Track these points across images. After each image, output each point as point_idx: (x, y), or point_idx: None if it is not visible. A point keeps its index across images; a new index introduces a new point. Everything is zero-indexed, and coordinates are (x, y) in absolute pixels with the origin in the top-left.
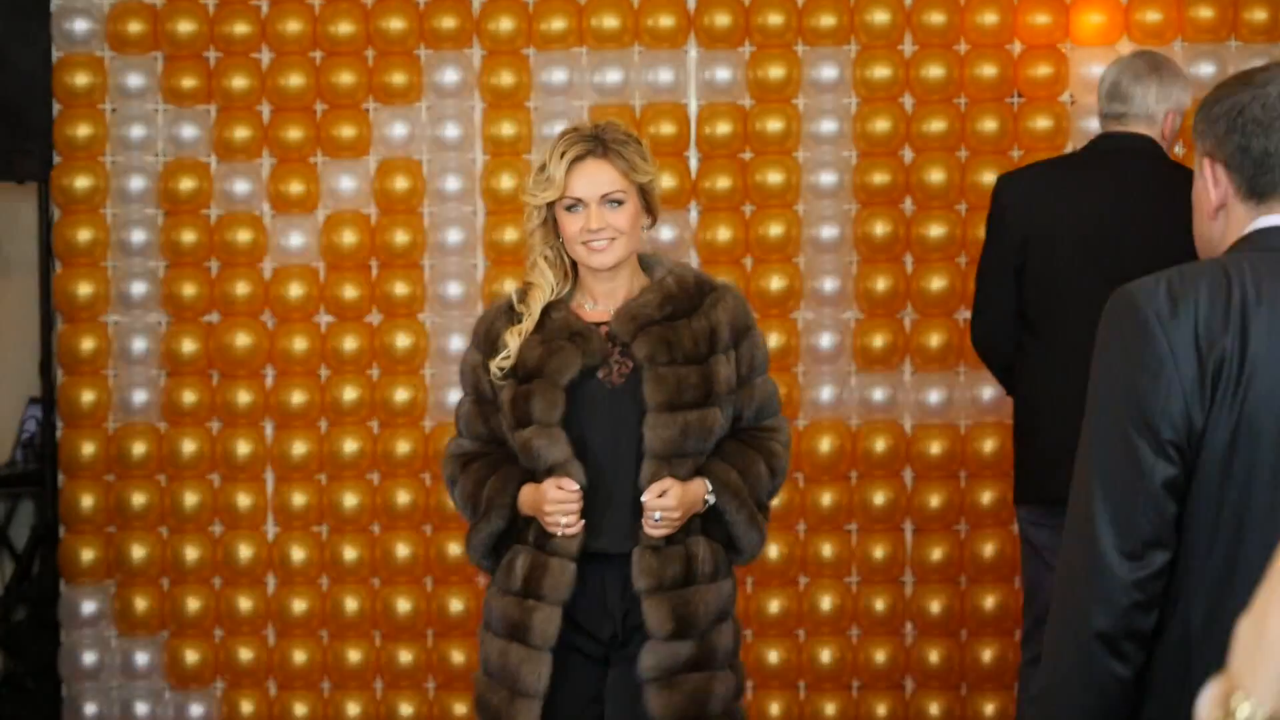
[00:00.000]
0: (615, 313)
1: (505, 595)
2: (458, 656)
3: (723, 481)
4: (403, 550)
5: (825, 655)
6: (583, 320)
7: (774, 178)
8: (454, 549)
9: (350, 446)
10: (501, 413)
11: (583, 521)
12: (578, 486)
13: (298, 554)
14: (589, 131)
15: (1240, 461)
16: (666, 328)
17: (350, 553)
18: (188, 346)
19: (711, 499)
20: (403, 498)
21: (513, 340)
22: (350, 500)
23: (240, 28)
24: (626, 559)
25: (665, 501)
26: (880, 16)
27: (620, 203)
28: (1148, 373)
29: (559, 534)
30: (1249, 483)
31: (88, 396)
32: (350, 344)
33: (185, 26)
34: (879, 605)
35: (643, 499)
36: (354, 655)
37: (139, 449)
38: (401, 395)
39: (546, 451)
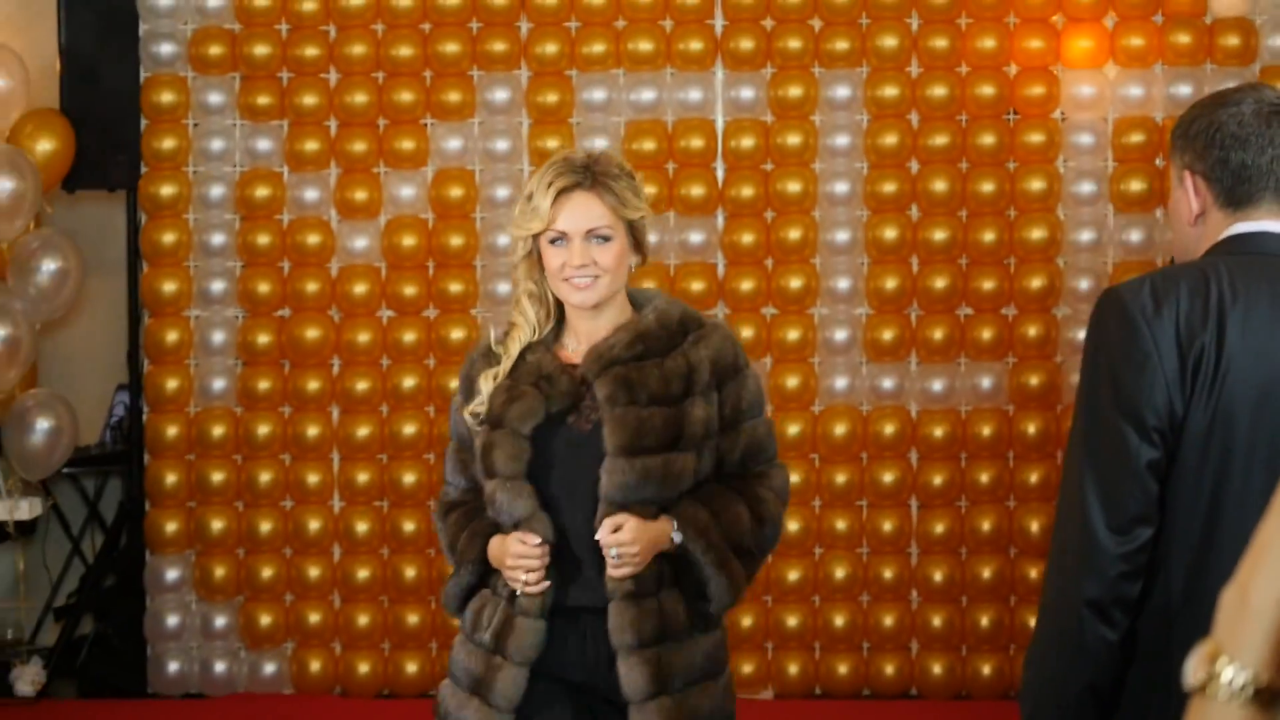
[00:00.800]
0: (585, 353)
1: (471, 645)
2: None
3: (689, 519)
4: None
5: (838, 619)
6: (558, 362)
7: (793, 187)
8: None
9: (409, 429)
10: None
11: (547, 583)
12: (540, 541)
13: (361, 526)
14: (579, 162)
15: (1217, 445)
16: (630, 368)
17: (408, 525)
18: (262, 338)
19: (678, 538)
20: None
21: (485, 385)
22: (409, 478)
23: (310, 50)
24: (602, 614)
25: (620, 536)
26: (889, 41)
27: (607, 239)
28: (1134, 365)
29: (518, 590)
30: (1225, 464)
31: (171, 384)
32: (409, 337)
33: (261, 49)
34: (887, 574)
35: (597, 536)
36: (412, 618)
37: (217, 431)
38: (455, 383)
39: (510, 506)
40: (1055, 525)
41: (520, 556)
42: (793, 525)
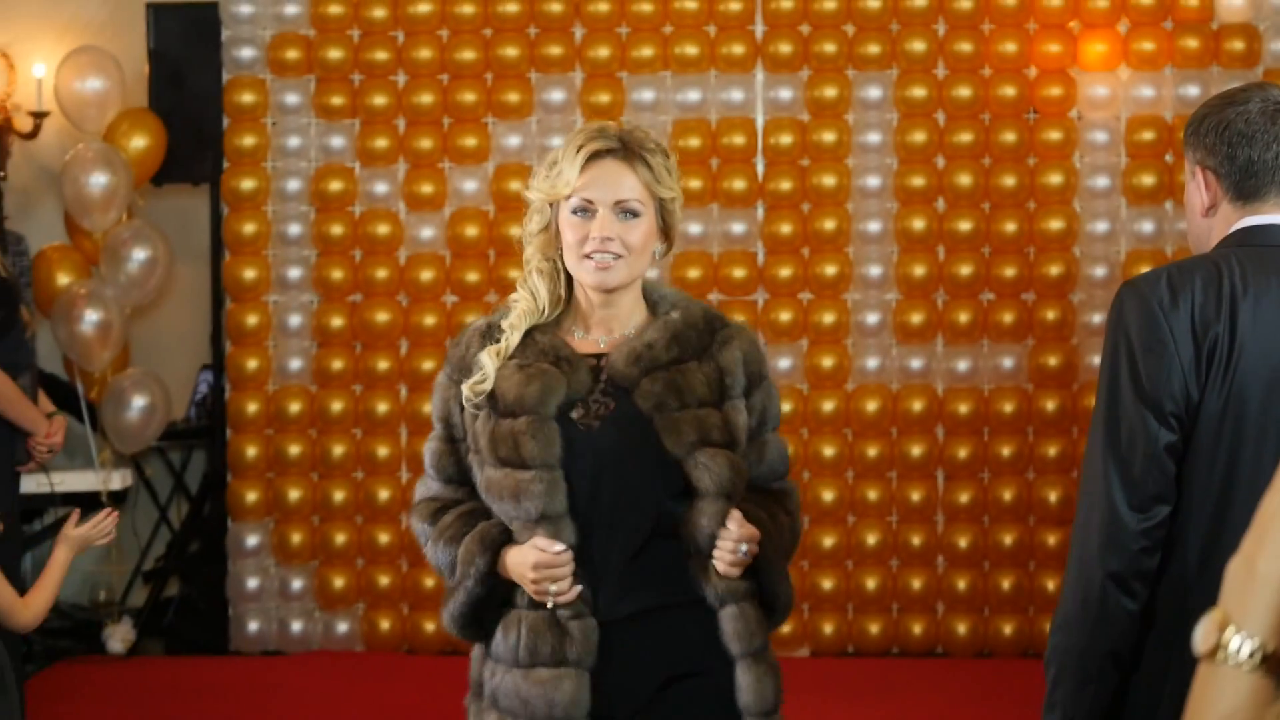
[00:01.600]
0: (615, 350)
1: (514, 669)
2: None
3: (758, 521)
4: None
5: (870, 583)
6: (570, 348)
7: (828, 181)
8: None
9: None
10: (477, 451)
11: (578, 587)
12: (562, 546)
13: None
14: (614, 130)
15: (1229, 428)
16: (673, 371)
17: None
18: (335, 322)
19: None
20: None
21: (489, 361)
22: None
23: (380, 54)
24: (615, 627)
25: (752, 530)
26: (918, 45)
27: (636, 215)
28: (1152, 354)
29: (549, 604)
30: (1237, 445)
31: (251, 363)
32: (472, 320)
33: (334, 53)
34: (915, 541)
35: (729, 526)
36: None
37: (294, 408)
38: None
39: (543, 500)
40: (1079, 503)
41: (545, 566)
42: (827, 495)
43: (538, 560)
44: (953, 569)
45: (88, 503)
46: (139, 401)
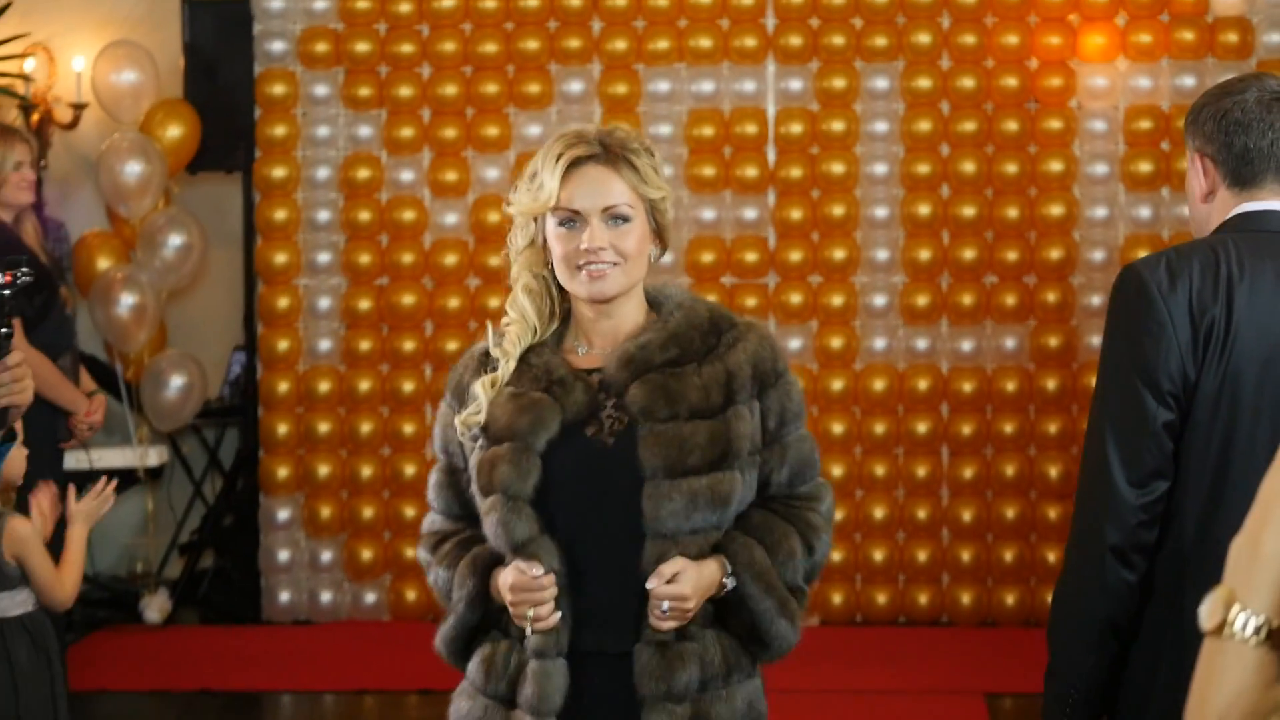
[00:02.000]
0: (608, 356)
1: (483, 699)
2: None
3: (745, 562)
4: None
5: (878, 555)
6: (568, 366)
7: (837, 168)
8: None
9: None
10: (475, 481)
11: (558, 614)
12: (542, 570)
13: None
14: (592, 134)
15: (1225, 407)
16: (667, 374)
17: None
18: (363, 304)
19: (730, 583)
20: None
21: (483, 392)
22: None
23: (406, 47)
24: (627, 659)
25: (676, 588)
26: (923, 38)
27: (626, 220)
28: (1151, 335)
29: (527, 629)
30: (1232, 424)
31: (282, 344)
32: (494, 302)
33: (362, 46)
34: (921, 514)
35: (648, 585)
36: None
37: (323, 387)
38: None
39: (507, 527)
40: (1080, 479)
41: (522, 589)
42: (836, 470)
43: (514, 582)
44: (957, 541)
45: (125, 479)
46: (176, 381)
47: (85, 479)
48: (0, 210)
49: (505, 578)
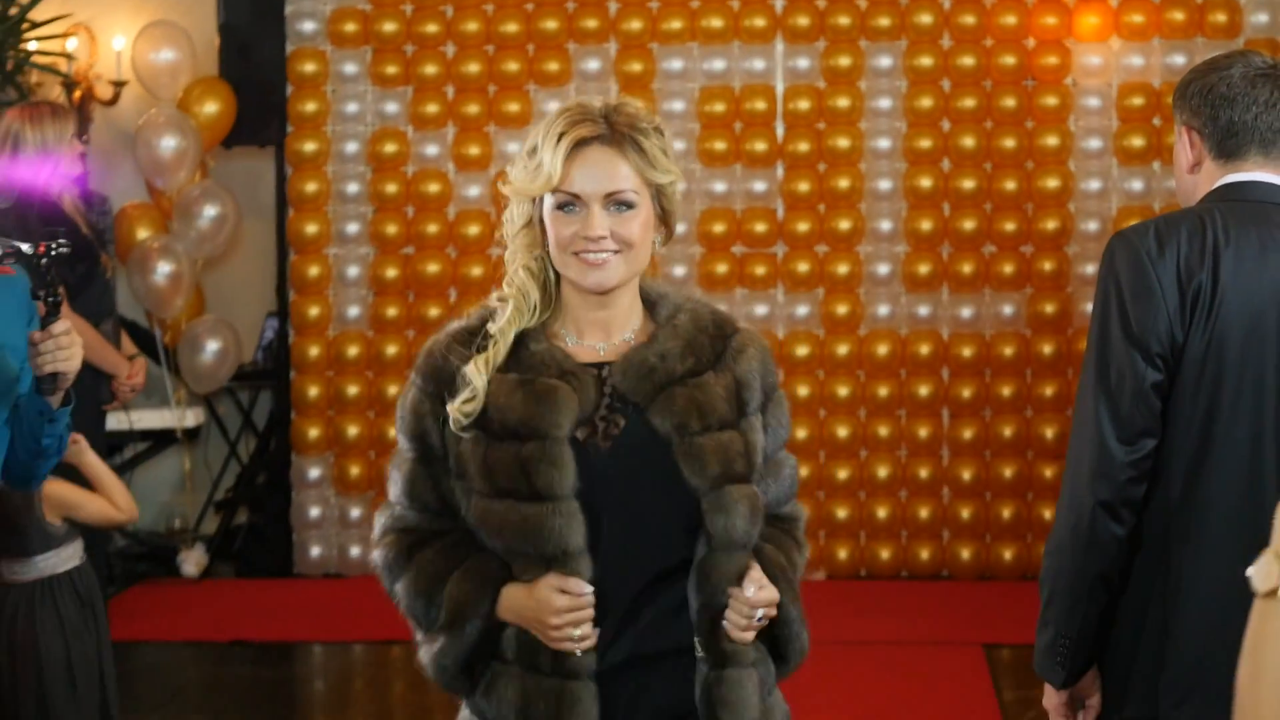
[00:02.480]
0: (623, 361)
1: None
2: None
3: (779, 572)
4: None
5: (881, 512)
6: (571, 357)
7: (843, 143)
8: None
9: None
10: (463, 477)
11: (596, 630)
12: (589, 588)
13: None
14: (598, 110)
15: (1211, 368)
16: (692, 387)
17: None
18: (390, 272)
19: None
20: None
21: (478, 376)
22: None
23: (431, 27)
24: (614, 675)
25: (770, 594)
26: (925, 18)
27: (630, 206)
28: (1140, 300)
29: (575, 651)
30: (1217, 384)
31: (313, 311)
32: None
33: (389, 26)
34: (923, 474)
35: (746, 594)
36: None
37: (352, 351)
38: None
39: (562, 536)
40: (1071, 438)
41: (569, 610)
42: (841, 432)
43: (563, 604)
44: (957, 499)
45: (163, 439)
46: (212, 346)
47: (126, 439)
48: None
49: (545, 599)
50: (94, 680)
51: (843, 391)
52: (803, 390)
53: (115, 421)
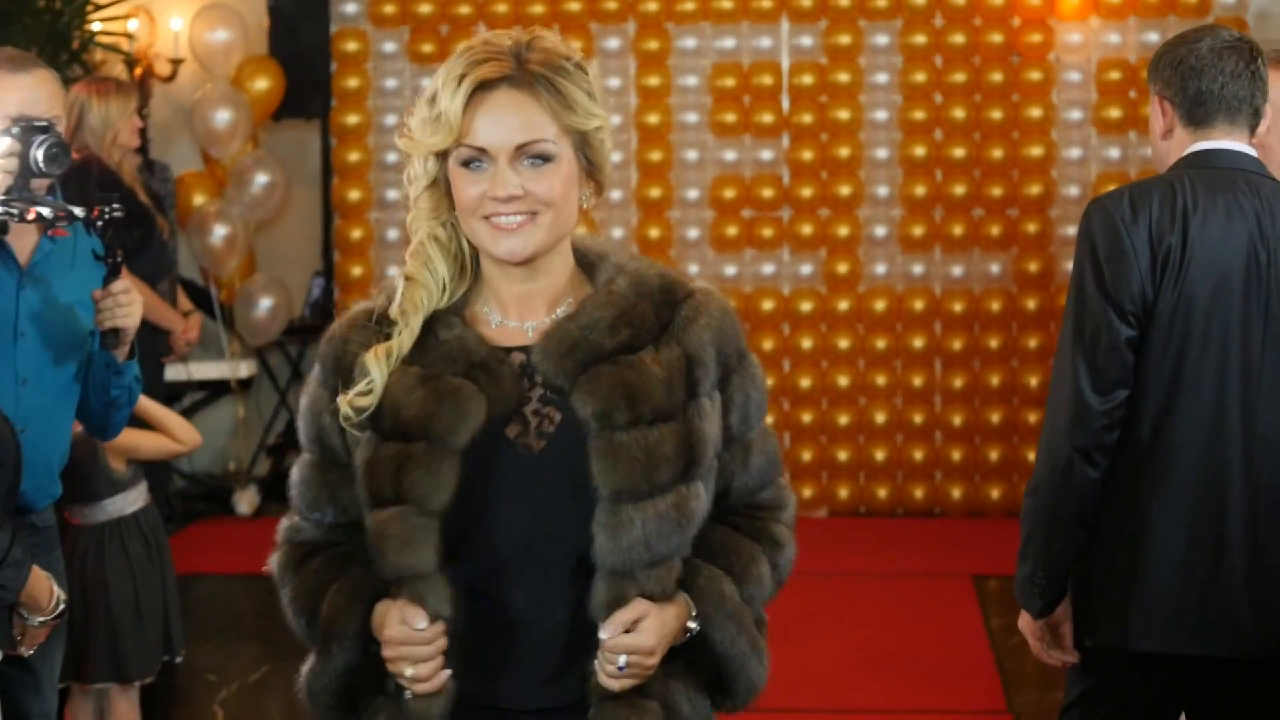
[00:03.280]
0: (540, 337)
1: None
2: None
3: (714, 599)
4: None
5: (879, 455)
6: (486, 344)
7: (843, 115)
8: None
9: None
10: (357, 481)
11: (446, 673)
12: (427, 621)
13: None
14: (506, 47)
15: (1179, 325)
16: (623, 365)
17: None
18: None
19: (695, 626)
20: None
21: (376, 366)
22: None
23: (464, 9)
24: (558, 714)
25: (637, 640)
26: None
27: (546, 159)
28: (1115, 261)
29: (405, 692)
30: (1185, 340)
31: (356, 271)
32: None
33: (425, 8)
34: (917, 419)
35: (601, 635)
36: None
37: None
38: None
39: (413, 553)
40: (1051, 388)
41: (402, 643)
42: (843, 381)
43: (391, 635)
44: (949, 442)
45: (218, 388)
46: (264, 302)
47: (184, 389)
48: (113, 150)
49: (384, 624)
50: (158, 612)
51: (843, 344)
52: (806, 343)
53: (174, 373)
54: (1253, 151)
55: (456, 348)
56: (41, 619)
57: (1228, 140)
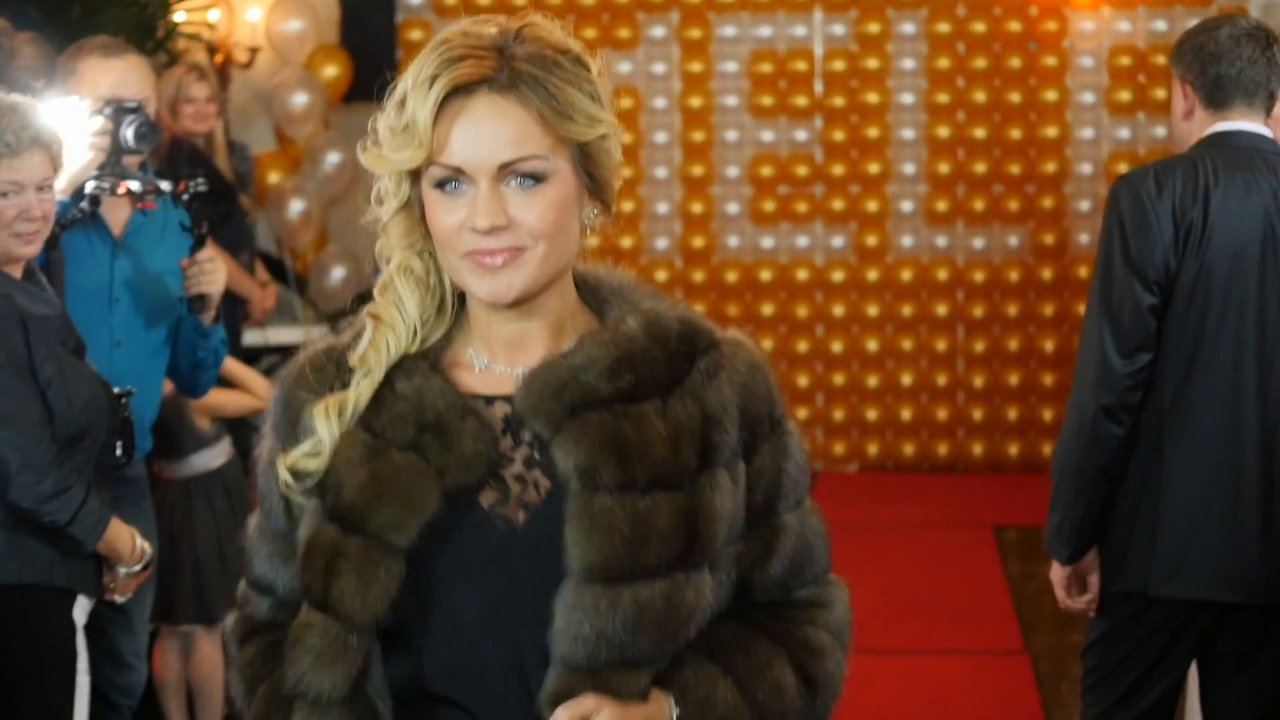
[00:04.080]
0: (525, 379)
1: None
2: None
3: (700, 700)
4: None
5: (906, 414)
6: (453, 395)
7: (873, 98)
8: None
9: None
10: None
11: None
12: None
13: None
14: (489, 39)
15: (1199, 294)
16: (620, 416)
17: None
18: None
19: None
20: None
21: (325, 424)
22: None
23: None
24: None
25: None
26: None
27: (537, 179)
28: (1140, 233)
29: None
30: (1205, 308)
31: None
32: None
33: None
34: (941, 380)
35: None
36: None
37: None
38: (626, 242)
39: (311, 674)
40: (1078, 351)
41: None
42: (872, 345)
43: None
44: (970, 402)
45: (293, 352)
46: (336, 272)
47: (262, 353)
48: (192, 125)
49: None
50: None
51: (872, 311)
52: (838, 310)
53: (252, 338)
54: (1269, 132)
55: (411, 405)
56: (127, 569)
57: (1245, 121)
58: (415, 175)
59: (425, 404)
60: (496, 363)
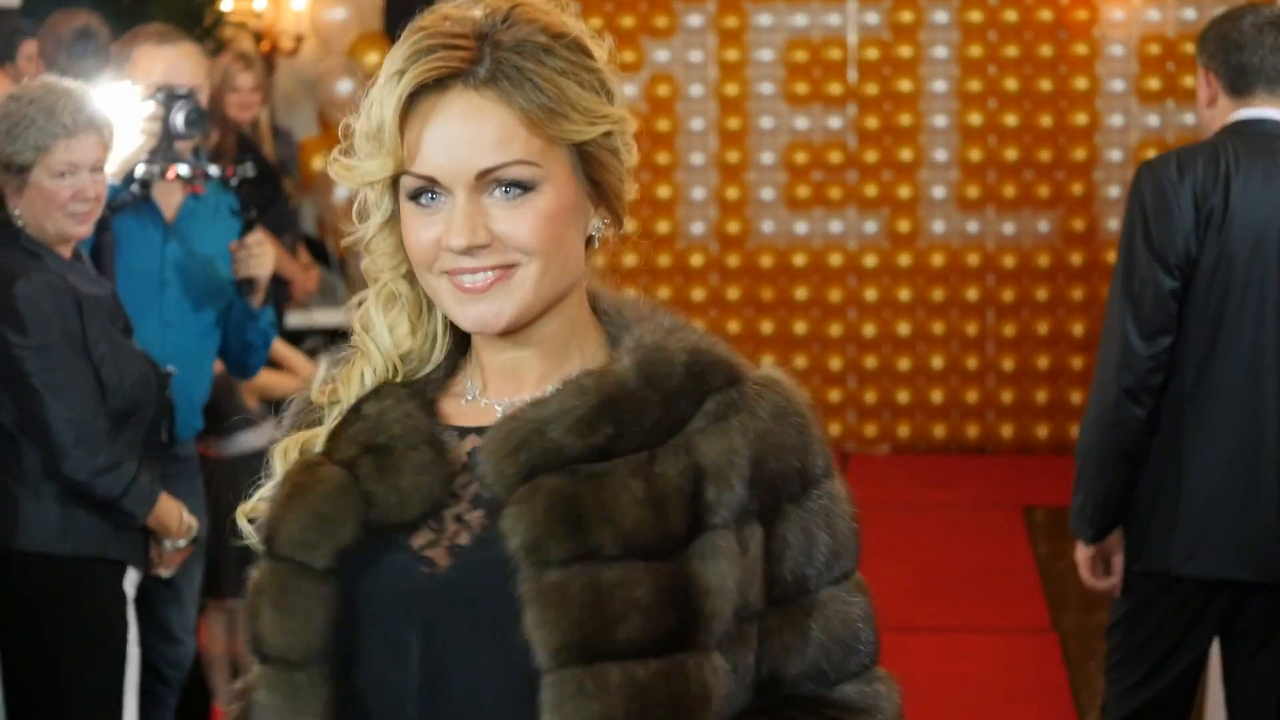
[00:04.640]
0: (488, 433)
1: None
2: None
3: None
4: None
5: (936, 396)
6: (424, 420)
7: (905, 86)
8: None
9: None
10: None
11: None
12: None
13: None
14: (471, 24)
15: (1220, 278)
16: (581, 479)
17: None
18: None
19: None
20: None
21: (282, 464)
22: None
23: None
24: None
25: None
26: None
27: (524, 187)
28: (1162, 219)
29: None
30: (1225, 293)
31: None
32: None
33: None
34: (971, 364)
35: None
36: None
37: None
38: (663, 227)
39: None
40: (1102, 335)
41: None
42: (903, 329)
43: None
44: (1000, 385)
45: (335, 333)
46: None
47: (305, 334)
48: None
49: None
50: None
51: (904, 295)
52: (870, 294)
53: (296, 320)
54: None
55: (368, 426)
56: (173, 544)
57: (1267, 109)
58: (392, 187)
59: (380, 426)
60: (485, 394)
